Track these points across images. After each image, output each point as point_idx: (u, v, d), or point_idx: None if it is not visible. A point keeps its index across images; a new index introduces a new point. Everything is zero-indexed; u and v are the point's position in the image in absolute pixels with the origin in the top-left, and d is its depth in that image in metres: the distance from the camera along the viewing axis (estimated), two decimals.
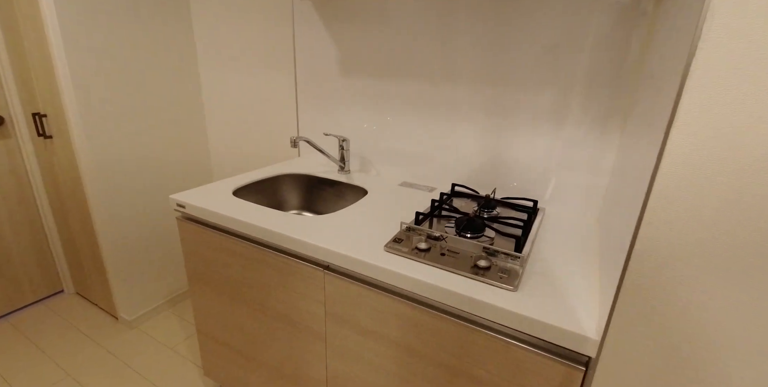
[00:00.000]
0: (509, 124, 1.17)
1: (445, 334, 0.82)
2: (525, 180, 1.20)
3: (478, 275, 0.80)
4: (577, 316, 0.71)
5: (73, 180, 1.69)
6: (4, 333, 1.79)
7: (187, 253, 1.26)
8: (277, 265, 1.04)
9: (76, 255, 1.95)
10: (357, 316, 0.95)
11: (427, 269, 0.83)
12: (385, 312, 0.89)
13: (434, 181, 1.38)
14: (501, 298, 0.74)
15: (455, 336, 0.81)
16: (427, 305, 0.83)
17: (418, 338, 0.86)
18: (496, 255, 0.87)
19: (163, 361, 1.66)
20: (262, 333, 1.18)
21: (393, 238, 0.94)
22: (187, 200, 1.17)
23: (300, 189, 1.48)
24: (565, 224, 1.08)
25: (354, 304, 0.94)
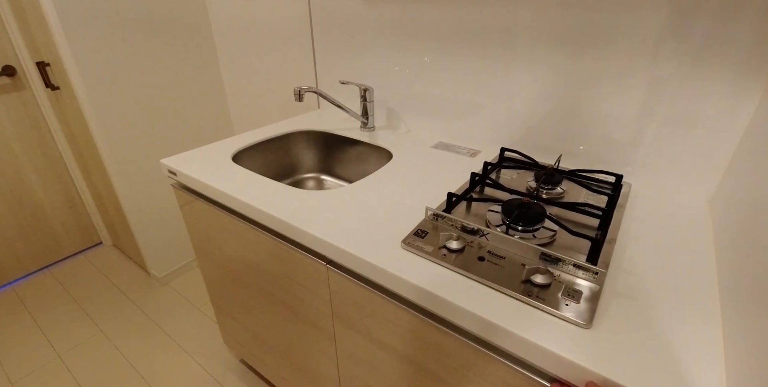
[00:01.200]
0: (592, 61, 0.81)
1: (476, 369, 0.59)
2: (603, 143, 0.87)
3: (531, 297, 0.54)
4: (688, 381, 0.44)
5: (85, 134, 1.54)
6: (45, 285, 1.80)
7: (188, 224, 1.08)
8: (276, 251, 0.82)
9: (105, 209, 1.87)
10: (367, 324, 0.73)
11: (457, 281, 0.58)
12: (400, 326, 0.66)
13: (478, 141, 1.07)
14: (565, 339, 0.48)
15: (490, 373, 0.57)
16: (453, 327, 0.59)
17: (439, 364, 0.64)
18: (559, 263, 0.59)
19: (189, 321, 1.59)
20: (269, 318, 1.01)
21: (414, 230, 0.68)
22: (178, 167, 0.96)
23: (316, 149, 1.23)
24: (665, 210, 0.76)
25: (362, 309, 0.72)
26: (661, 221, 0.73)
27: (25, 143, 1.68)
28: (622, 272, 0.59)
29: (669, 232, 0.70)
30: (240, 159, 1.06)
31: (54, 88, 1.55)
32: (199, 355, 1.45)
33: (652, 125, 0.80)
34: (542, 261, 0.60)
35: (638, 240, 0.67)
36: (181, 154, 1.02)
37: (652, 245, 0.66)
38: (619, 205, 0.75)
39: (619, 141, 0.84)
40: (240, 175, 0.90)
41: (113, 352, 1.46)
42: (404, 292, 0.60)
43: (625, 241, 0.67)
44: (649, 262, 0.62)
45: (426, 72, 1.07)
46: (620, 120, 0.83)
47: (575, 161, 0.92)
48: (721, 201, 0.71)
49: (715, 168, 0.77)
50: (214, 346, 1.48)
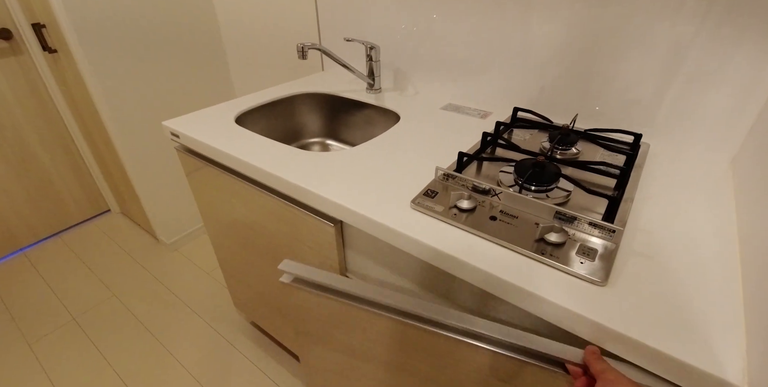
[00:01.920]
0: (613, 17, 0.76)
1: None
2: (621, 103, 0.83)
3: (544, 255, 0.52)
4: (707, 336, 0.43)
5: (86, 98, 1.51)
6: (57, 250, 1.82)
7: (194, 188, 1.07)
8: (283, 213, 0.81)
9: (111, 176, 1.87)
10: None
11: (469, 240, 0.56)
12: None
13: (489, 103, 1.03)
14: (579, 296, 0.47)
15: None
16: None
17: None
18: (574, 222, 0.57)
19: (200, 285, 1.62)
20: (277, 281, 1.02)
21: (424, 191, 0.66)
22: (181, 128, 0.93)
23: (321, 112, 1.19)
24: (684, 171, 0.73)
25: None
26: (681, 181, 0.70)
27: (26, 109, 1.65)
28: (638, 231, 0.58)
29: (689, 192, 0.67)
30: (243, 122, 1.03)
31: (52, 51, 1.50)
32: (211, 318, 1.48)
33: (673, 84, 0.76)
34: (556, 220, 0.58)
35: (656, 200, 0.65)
36: (183, 116, 0.99)
37: (670, 205, 0.64)
38: (636, 165, 0.72)
39: (639, 101, 0.80)
40: (244, 137, 0.88)
41: (127, 314, 1.50)
42: (415, 251, 0.59)
43: (642, 200, 0.65)
44: (667, 221, 0.60)
45: (434, 30, 1.01)
46: (640, 79, 0.78)
47: (591, 122, 0.88)
48: (744, 161, 0.69)
49: (739, 128, 0.74)
50: (225, 310, 1.51)
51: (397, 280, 0.70)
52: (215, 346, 1.38)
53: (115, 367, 1.32)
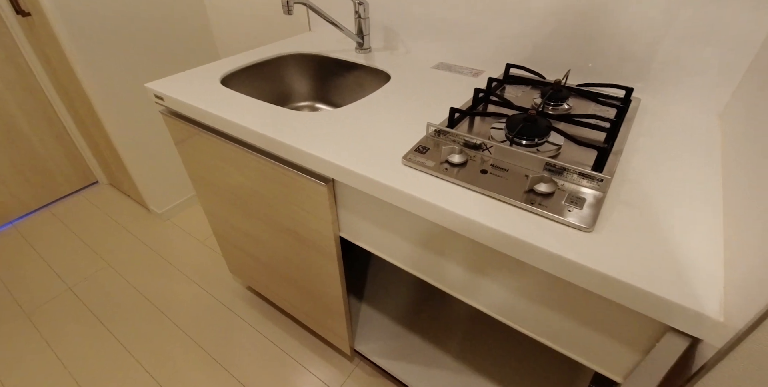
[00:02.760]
0: None
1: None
2: (613, 58, 0.82)
3: (534, 205, 0.54)
4: (688, 276, 0.45)
5: (64, 65, 1.46)
6: (47, 223, 1.82)
7: (182, 152, 1.06)
8: (273, 174, 0.81)
9: (96, 146, 1.84)
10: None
11: (460, 194, 0.57)
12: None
13: (481, 61, 1.02)
14: (567, 242, 0.49)
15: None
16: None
17: None
18: (563, 173, 0.58)
19: (194, 254, 1.64)
20: (272, 245, 1.03)
21: (415, 147, 0.66)
22: (165, 91, 0.91)
23: (309, 74, 1.17)
24: (673, 124, 0.74)
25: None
26: (670, 134, 0.71)
27: (3, 77, 1.59)
28: (626, 182, 0.59)
29: (677, 145, 0.68)
30: (229, 83, 1.01)
31: (25, 15, 1.44)
32: (208, 285, 1.51)
33: (666, 38, 0.75)
34: (547, 172, 0.59)
35: (645, 152, 0.66)
36: (167, 77, 0.97)
37: (658, 157, 0.65)
38: (627, 119, 0.73)
39: (630, 56, 0.80)
40: (232, 98, 0.86)
41: (123, 283, 1.52)
42: (407, 207, 0.60)
43: (631, 152, 0.65)
44: (655, 172, 0.61)
45: None
46: (633, 35, 0.77)
47: (584, 78, 0.88)
48: (732, 115, 0.69)
49: (728, 83, 0.74)
50: (221, 276, 1.54)
51: (391, 237, 0.71)
52: (213, 311, 1.41)
53: (115, 333, 1.35)
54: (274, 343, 1.30)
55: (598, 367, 0.58)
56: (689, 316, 0.42)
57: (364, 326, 1.21)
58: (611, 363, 0.56)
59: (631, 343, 0.51)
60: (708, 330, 0.41)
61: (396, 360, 1.12)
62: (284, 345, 1.30)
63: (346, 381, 1.20)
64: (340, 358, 1.26)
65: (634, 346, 0.51)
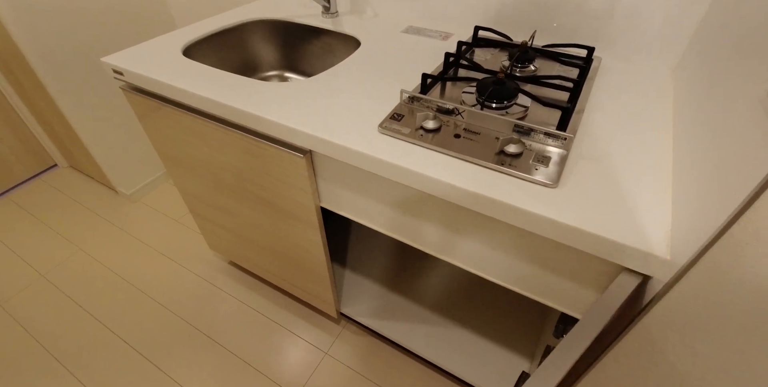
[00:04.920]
0: None
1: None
2: (577, 16, 0.85)
3: (504, 165, 0.58)
4: (640, 221, 0.51)
5: (5, 39, 1.37)
6: (6, 210, 1.76)
7: (147, 130, 1.05)
8: (249, 148, 0.83)
9: (51, 127, 1.76)
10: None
11: (435, 158, 0.61)
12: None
13: (451, 23, 1.03)
14: (534, 198, 0.54)
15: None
16: None
17: None
18: (531, 134, 0.63)
19: (170, 233, 1.64)
20: (251, 218, 1.06)
21: (390, 114, 0.69)
22: (123, 65, 0.89)
23: (275, 41, 1.15)
24: (631, 80, 0.79)
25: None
26: (627, 91, 0.76)
27: None
28: (587, 138, 0.64)
29: (633, 101, 0.74)
30: (191, 54, 0.99)
31: None
32: (188, 262, 1.53)
33: None
34: (516, 133, 0.63)
35: (605, 109, 0.71)
36: (124, 50, 0.94)
37: (617, 113, 0.70)
38: (588, 78, 0.77)
39: (592, 13, 0.84)
40: (196, 70, 0.85)
41: (98, 266, 1.52)
42: (386, 174, 0.64)
43: (592, 110, 0.71)
44: (613, 127, 0.67)
45: None
46: None
47: (550, 38, 0.91)
48: (683, 69, 0.75)
49: (680, 37, 0.79)
50: (200, 253, 1.56)
51: (372, 204, 0.75)
52: (195, 287, 1.44)
53: (96, 315, 1.36)
54: (260, 312, 1.36)
55: (563, 307, 0.65)
56: (641, 256, 0.48)
57: (348, 289, 1.28)
58: (574, 303, 0.63)
59: (590, 284, 0.59)
60: (657, 267, 0.48)
61: (381, 319, 1.20)
62: (271, 314, 1.36)
63: (335, 342, 1.28)
64: (327, 322, 1.33)
65: (593, 286, 0.59)
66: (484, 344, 1.14)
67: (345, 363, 1.23)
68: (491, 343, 1.14)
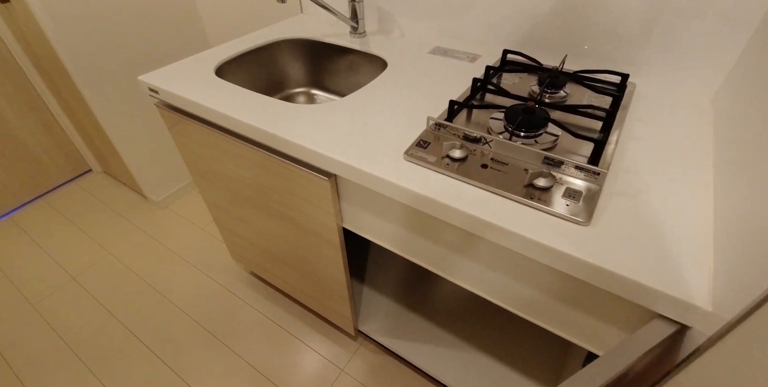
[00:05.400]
0: None
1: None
2: (610, 40, 0.82)
3: (533, 199, 0.56)
4: (680, 268, 0.48)
5: (48, 52, 1.42)
6: (43, 213, 1.82)
7: (179, 144, 1.06)
8: (274, 168, 0.82)
9: (87, 134, 1.81)
10: None
11: (462, 189, 0.59)
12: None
13: (478, 44, 1.01)
14: (564, 236, 0.51)
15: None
16: None
17: None
18: (561, 166, 0.60)
19: (195, 241, 1.66)
20: (274, 233, 1.06)
21: (416, 141, 0.67)
22: (159, 83, 0.90)
23: (303, 59, 1.15)
24: (668, 109, 0.75)
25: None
26: (664, 120, 0.73)
27: None
28: (621, 172, 0.61)
29: (671, 131, 0.70)
30: (223, 73, 1.00)
31: (4, 1, 1.38)
32: (210, 270, 1.54)
33: (662, 17, 0.75)
34: (545, 165, 0.61)
35: (640, 141, 0.68)
36: (160, 69, 0.96)
37: (653, 145, 0.67)
38: (622, 106, 0.74)
39: (627, 37, 0.80)
40: (227, 91, 0.86)
41: (126, 271, 1.55)
42: (411, 202, 0.62)
43: (627, 142, 0.67)
44: (649, 161, 0.63)
45: None
46: (629, 12, 0.77)
47: (581, 61, 0.88)
48: (725, 98, 0.71)
49: (723, 64, 0.75)
50: (223, 261, 1.57)
51: (395, 229, 0.74)
52: (217, 295, 1.45)
53: (121, 319, 1.38)
54: (278, 324, 1.35)
55: (587, 344, 0.62)
56: (678, 305, 0.45)
57: (366, 306, 1.26)
58: (597, 340, 0.60)
59: (618, 323, 0.55)
60: (697, 318, 0.45)
61: (398, 338, 1.17)
62: (288, 325, 1.35)
63: (352, 358, 1.26)
64: (344, 338, 1.31)
65: (622, 326, 0.55)
66: (502, 371, 1.10)
67: (361, 382, 1.20)
68: (510, 370, 1.10)
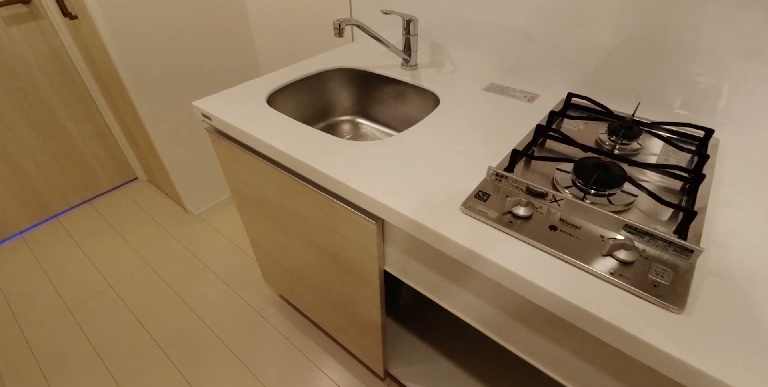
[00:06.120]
0: None
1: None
2: (689, 87, 0.74)
3: (614, 275, 0.48)
4: None
5: (109, 68, 1.45)
6: (89, 217, 1.85)
7: (224, 168, 1.03)
8: (321, 204, 0.77)
9: (137, 144, 1.84)
10: None
11: (525, 252, 0.52)
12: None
13: (536, 81, 0.94)
14: (652, 324, 0.43)
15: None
16: None
17: None
18: (644, 236, 0.52)
19: (229, 257, 1.63)
20: (310, 264, 1.00)
21: (474, 192, 0.61)
22: (212, 110, 0.88)
23: (352, 88, 1.12)
24: (758, 171, 0.66)
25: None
26: (756, 185, 0.63)
27: (49, 75, 1.60)
28: (713, 246, 0.53)
29: (764, 196, 0.61)
30: (274, 100, 0.97)
31: (72, 18, 1.42)
32: (241, 289, 1.50)
33: (756, 66, 0.66)
34: (626, 232, 0.53)
35: (730, 207, 0.59)
36: (214, 95, 0.94)
37: (747, 214, 0.58)
38: (707, 164, 0.65)
39: (709, 83, 0.72)
40: (279, 122, 0.82)
41: (160, 283, 1.53)
42: (467, 261, 0.55)
43: (716, 209, 0.59)
44: (745, 233, 0.54)
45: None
46: (715, 59, 0.69)
47: (652, 109, 0.80)
48: None
49: None
50: (253, 281, 1.53)
51: (444, 282, 0.67)
52: (245, 316, 1.41)
53: (151, 331, 1.36)
54: (304, 354, 1.29)
55: None
56: None
57: (398, 346, 1.18)
58: None
59: None
60: None
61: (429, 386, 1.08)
62: (314, 356, 1.29)
63: None
64: (371, 376, 1.23)
65: None
66: None
67: None
68: None
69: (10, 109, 1.55)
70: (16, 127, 1.59)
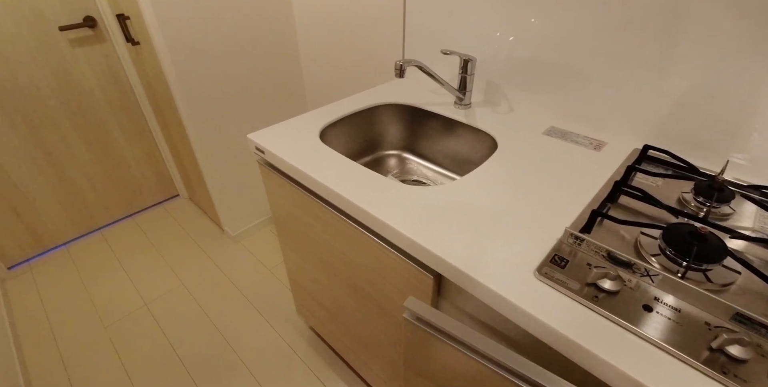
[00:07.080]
0: None
1: None
2: None
3: (726, 375, 0.40)
4: None
5: (165, 91, 1.48)
6: (129, 231, 1.86)
7: (271, 200, 1.01)
8: (371, 249, 0.73)
9: (182, 164, 1.86)
10: None
11: (617, 334, 0.45)
12: None
13: (599, 126, 0.87)
14: None
15: None
16: None
17: None
18: (759, 329, 0.44)
19: (262, 283, 1.60)
20: (349, 305, 0.95)
21: (550, 256, 0.54)
22: (266, 144, 0.85)
23: (402, 124, 1.08)
24: None
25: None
26: None
27: (108, 96, 1.65)
28: None
29: None
30: (326, 135, 0.94)
31: (135, 43, 1.47)
32: (272, 318, 1.45)
33: None
34: (736, 322, 0.45)
35: None
36: (267, 128, 0.92)
37: None
38: None
39: None
40: (333, 161, 0.79)
41: (194, 305, 1.50)
42: (541, 334, 0.48)
43: None
44: None
45: (535, 35, 0.86)
46: None
47: (733, 167, 0.72)
48: None
49: None
50: (285, 310, 1.48)
51: None
52: (276, 348, 1.35)
53: (180, 354, 1.32)
54: None
55: None
56: None
57: None
58: None
59: None
60: None
61: None
62: None
63: None
64: None
65: None
66: None
67: None
68: None
69: (68, 125, 1.60)
70: (72, 142, 1.64)
